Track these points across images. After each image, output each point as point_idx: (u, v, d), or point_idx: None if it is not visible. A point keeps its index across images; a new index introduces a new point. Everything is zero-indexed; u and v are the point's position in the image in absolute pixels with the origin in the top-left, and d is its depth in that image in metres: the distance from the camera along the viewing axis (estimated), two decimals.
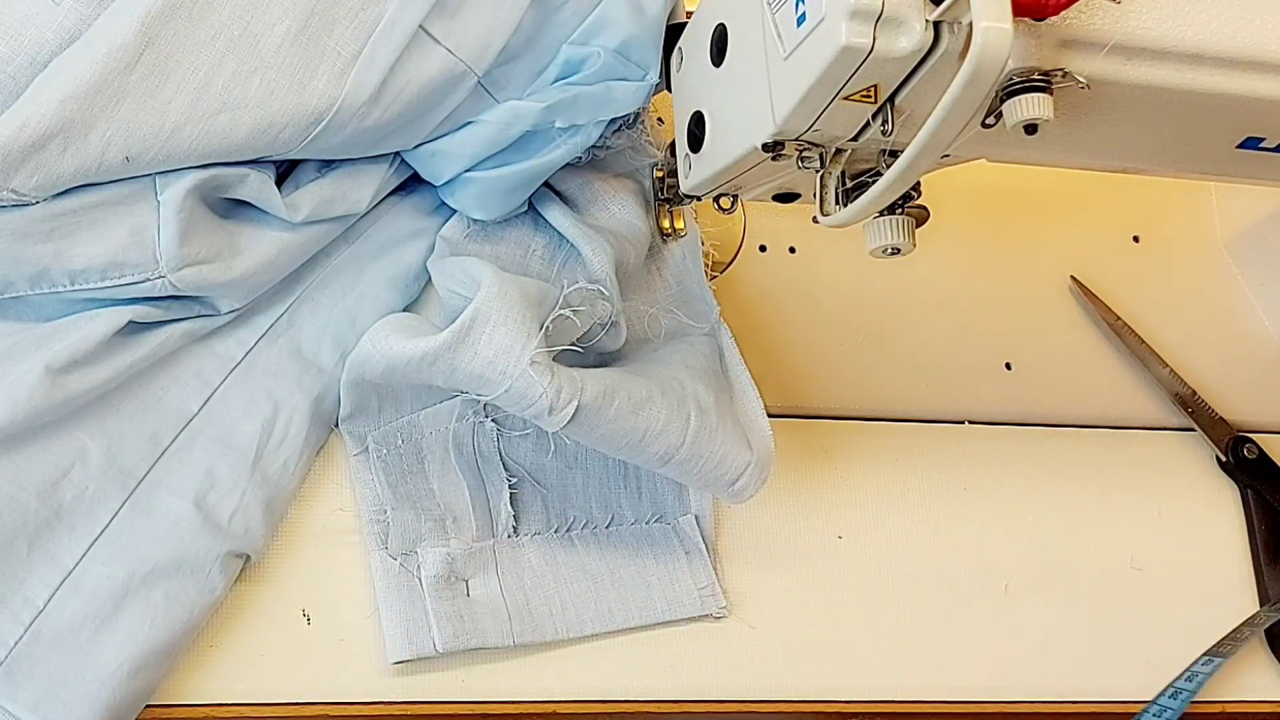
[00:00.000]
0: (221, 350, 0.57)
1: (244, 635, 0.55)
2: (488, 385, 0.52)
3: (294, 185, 0.57)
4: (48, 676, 0.49)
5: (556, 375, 0.52)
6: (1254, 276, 0.79)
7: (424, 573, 0.57)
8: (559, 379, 0.52)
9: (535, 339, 0.52)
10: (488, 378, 0.52)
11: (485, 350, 0.51)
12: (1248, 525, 0.71)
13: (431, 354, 0.52)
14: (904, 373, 0.70)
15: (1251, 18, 0.44)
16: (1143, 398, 0.74)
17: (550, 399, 0.51)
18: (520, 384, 0.51)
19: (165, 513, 0.53)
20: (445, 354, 0.51)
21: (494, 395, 0.52)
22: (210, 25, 0.51)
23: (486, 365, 0.51)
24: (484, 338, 0.52)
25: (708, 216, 0.66)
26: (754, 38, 0.47)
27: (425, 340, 0.52)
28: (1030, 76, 0.42)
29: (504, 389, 0.52)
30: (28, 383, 0.50)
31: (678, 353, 0.60)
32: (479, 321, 0.52)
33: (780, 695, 0.60)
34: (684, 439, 0.55)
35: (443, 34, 0.55)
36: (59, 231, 0.51)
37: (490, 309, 0.52)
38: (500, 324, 0.52)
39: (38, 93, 0.49)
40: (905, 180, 0.44)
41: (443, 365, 0.52)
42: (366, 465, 0.58)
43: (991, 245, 0.76)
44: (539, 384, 0.51)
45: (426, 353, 0.52)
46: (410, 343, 0.52)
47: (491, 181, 0.60)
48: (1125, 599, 0.68)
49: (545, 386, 0.51)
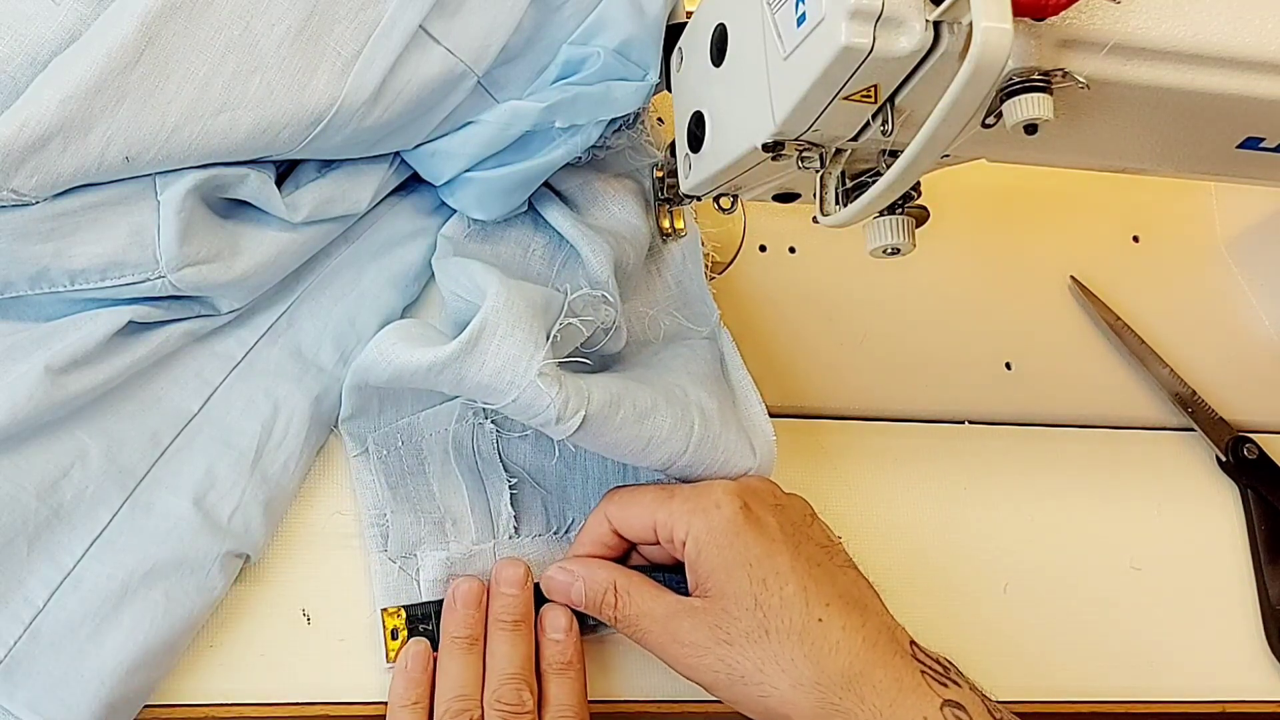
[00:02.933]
0: (221, 350, 0.57)
1: (244, 635, 0.55)
2: (495, 395, 0.52)
3: (294, 185, 0.57)
4: (47, 675, 0.49)
5: (564, 386, 0.52)
6: (1254, 276, 0.79)
7: (422, 576, 0.57)
8: (566, 389, 0.52)
9: (543, 349, 0.52)
10: (495, 388, 0.52)
11: (493, 361, 0.52)
12: (1248, 525, 0.71)
13: (439, 364, 0.52)
14: (904, 373, 0.70)
15: (1251, 18, 0.44)
16: (1143, 398, 0.74)
17: (558, 409, 0.51)
18: (528, 394, 0.51)
19: (165, 512, 0.53)
20: (453, 364, 0.52)
21: (501, 405, 0.52)
22: (210, 25, 0.51)
23: (494, 376, 0.52)
24: (491, 348, 0.52)
25: (708, 216, 0.66)
26: (754, 38, 0.47)
27: (433, 351, 0.52)
28: (1030, 76, 0.42)
29: (511, 399, 0.52)
30: (28, 383, 0.50)
31: (679, 358, 0.60)
32: (486, 332, 0.52)
33: None
34: (687, 446, 0.55)
35: (443, 34, 0.55)
36: (59, 231, 0.51)
37: (498, 319, 0.52)
38: (508, 334, 0.52)
39: (38, 93, 0.49)
40: (905, 180, 0.44)
41: (450, 375, 0.52)
42: (367, 466, 0.58)
43: (991, 245, 0.76)
44: (547, 394, 0.51)
45: (434, 363, 0.52)
46: (417, 352, 0.52)
47: (491, 181, 0.60)
48: (1125, 599, 0.68)
49: (553, 397, 0.51)
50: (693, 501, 0.54)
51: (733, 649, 0.51)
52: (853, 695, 0.50)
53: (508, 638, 0.55)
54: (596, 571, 0.56)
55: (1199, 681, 0.67)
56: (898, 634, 0.53)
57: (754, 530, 0.53)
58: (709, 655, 0.52)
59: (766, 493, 0.56)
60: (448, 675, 0.53)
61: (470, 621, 0.55)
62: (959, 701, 0.50)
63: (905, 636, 0.53)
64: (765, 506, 0.55)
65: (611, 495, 0.57)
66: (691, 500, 0.54)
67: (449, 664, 0.54)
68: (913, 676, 0.51)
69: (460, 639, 0.54)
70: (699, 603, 0.53)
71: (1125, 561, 0.69)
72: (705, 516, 0.54)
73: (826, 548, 0.55)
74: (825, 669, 0.50)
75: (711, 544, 0.53)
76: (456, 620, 0.55)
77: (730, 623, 0.52)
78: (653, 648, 0.54)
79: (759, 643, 0.51)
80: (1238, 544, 0.71)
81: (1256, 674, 0.67)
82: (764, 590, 0.52)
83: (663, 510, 0.55)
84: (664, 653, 0.54)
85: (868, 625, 0.52)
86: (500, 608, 0.56)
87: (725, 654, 0.51)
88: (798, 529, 0.55)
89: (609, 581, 0.55)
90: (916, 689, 0.50)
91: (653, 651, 0.54)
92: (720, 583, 0.52)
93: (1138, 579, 0.68)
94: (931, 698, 0.50)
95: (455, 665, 0.54)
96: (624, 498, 0.57)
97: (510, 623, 0.55)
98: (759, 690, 0.51)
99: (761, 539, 0.53)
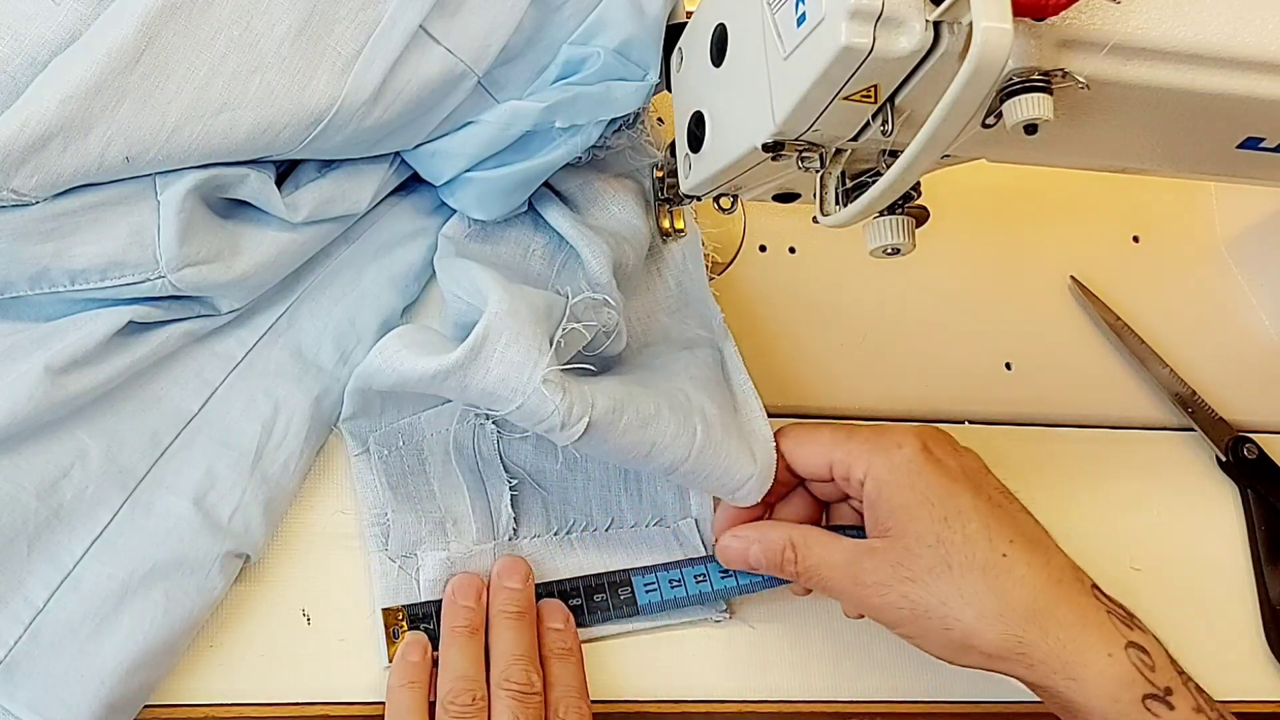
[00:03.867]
0: (221, 350, 0.57)
1: (244, 635, 0.55)
2: (499, 402, 0.52)
3: (294, 185, 0.57)
4: (47, 675, 0.49)
5: (568, 393, 0.52)
6: (1254, 276, 0.79)
7: (422, 576, 0.57)
8: (570, 396, 0.52)
9: (546, 355, 0.52)
10: (500, 395, 0.52)
11: (497, 368, 0.52)
12: (1248, 525, 0.71)
13: (443, 372, 0.52)
14: (904, 373, 0.70)
15: (1251, 18, 0.44)
16: (1143, 398, 0.74)
17: (562, 416, 0.52)
18: (532, 401, 0.52)
19: (165, 512, 0.53)
20: (456, 372, 0.52)
21: (505, 412, 0.53)
22: (210, 25, 0.51)
23: (498, 383, 0.52)
24: (495, 355, 0.52)
25: (708, 216, 0.66)
26: (754, 38, 0.47)
27: (436, 359, 0.52)
28: (1030, 76, 0.42)
29: (516, 406, 0.52)
30: (28, 383, 0.50)
31: (680, 361, 0.60)
32: (490, 339, 0.52)
33: (780, 695, 0.60)
34: (690, 452, 0.55)
35: (443, 34, 0.55)
36: (59, 231, 0.51)
37: (501, 326, 0.52)
38: (511, 342, 0.52)
39: (38, 93, 0.49)
40: (905, 180, 0.44)
41: (454, 383, 0.52)
42: (368, 466, 0.58)
43: (991, 245, 0.76)
44: (551, 401, 0.51)
45: (438, 371, 0.52)
46: (421, 360, 0.52)
47: (491, 181, 0.60)
48: (1125, 599, 0.67)
49: (557, 404, 0.51)
50: (872, 442, 0.55)
51: (916, 585, 0.52)
52: (1036, 628, 0.50)
53: (512, 624, 0.55)
54: (769, 532, 0.56)
55: (1199, 681, 0.66)
56: (1081, 575, 0.53)
57: (935, 469, 0.54)
58: (892, 593, 0.52)
59: (947, 439, 0.56)
60: (450, 662, 0.54)
61: (470, 613, 0.55)
62: (1142, 645, 0.51)
63: (1088, 579, 0.53)
64: (946, 450, 0.55)
65: (787, 431, 0.58)
66: (871, 440, 0.55)
67: (451, 652, 0.54)
68: (1097, 614, 0.51)
69: (461, 628, 0.55)
70: (879, 543, 0.53)
71: (1125, 561, 0.69)
72: (886, 455, 0.54)
73: (1005, 492, 0.55)
74: (1010, 602, 0.51)
75: (893, 482, 0.53)
76: (457, 612, 0.55)
77: (913, 560, 0.52)
78: (836, 592, 0.55)
79: (942, 577, 0.51)
80: (1238, 544, 0.71)
81: (1256, 674, 0.67)
82: (946, 528, 0.52)
83: (840, 449, 0.56)
84: (848, 595, 0.54)
85: (1051, 564, 0.52)
86: (504, 600, 0.56)
87: (909, 590, 0.52)
88: (979, 473, 0.55)
89: (784, 539, 0.56)
90: (1101, 626, 0.51)
91: (837, 596, 0.55)
92: (902, 521, 0.53)
93: (1138, 579, 0.68)
94: (1116, 637, 0.50)
95: (457, 652, 0.54)
96: (800, 434, 0.57)
97: (515, 613, 0.55)
98: (943, 624, 0.51)
99: (943, 478, 0.53)
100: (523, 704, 0.52)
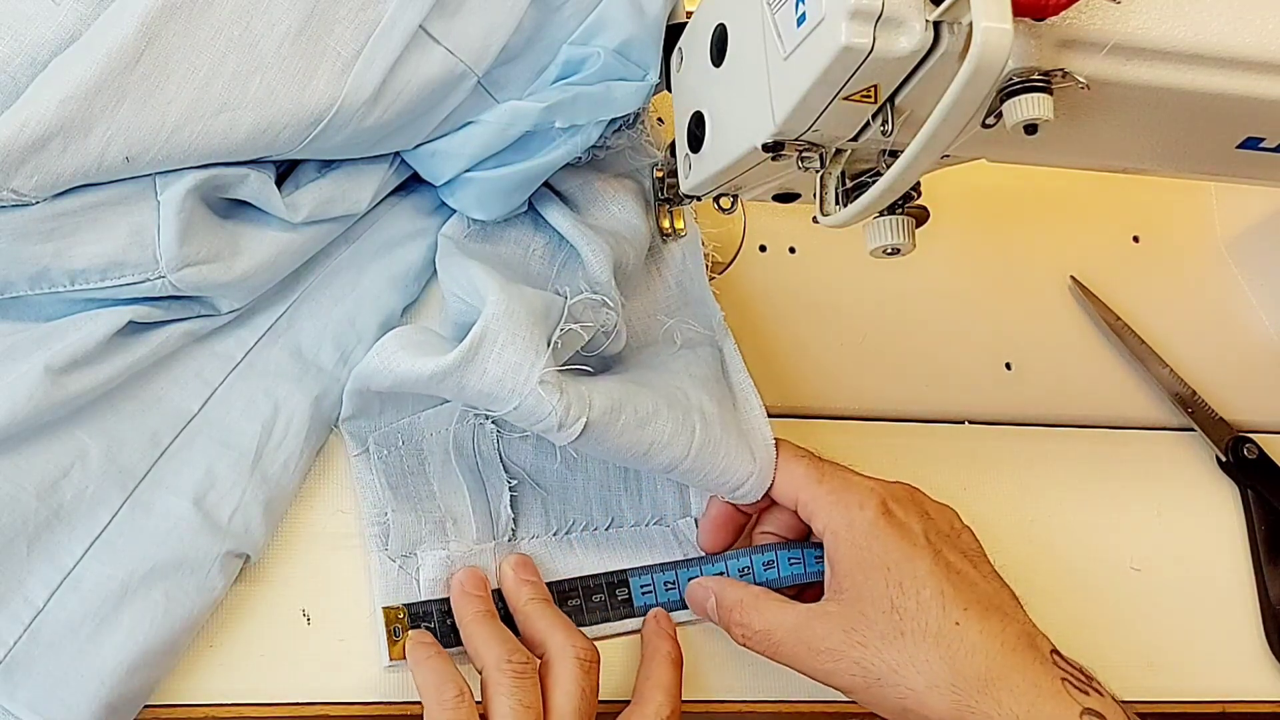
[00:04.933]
0: (221, 350, 0.57)
1: (244, 635, 0.54)
2: (497, 403, 0.52)
3: (294, 185, 0.57)
4: (47, 676, 0.49)
5: (565, 393, 0.52)
6: (1254, 276, 0.79)
7: (422, 575, 0.57)
8: (568, 396, 0.52)
9: (544, 356, 0.52)
10: (497, 396, 0.52)
11: (494, 369, 0.52)
12: (1248, 525, 0.71)
13: (441, 373, 0.52)
14: (904, 373, 0.70)
15: (1251, 18, 0.44)
16: (1143, 398, 0.74)
17: (559, 416, 0.52)
18: (530, 402, 0.52)
19: (165, 512, 0.53)
20: (454, 373, 0.52)
21: (503, 412, 0.53)
22: (210, 25, 0.51)
23: (495, 384, 0.52)
24: (493, 356, 0.52)
25: (708, 216, 0.66)
26: (754, 38, 0.47)
27: (434, 360, 0.52)
28: (1030, 76, 0.42)
29: (513, 406, 0.52)
30: (28, 383, 0.50)
31: (680, 360, 0.60)
32: (487, 340, 0.52)
33: (780, 695, 0.60)
34: (689, 451, 0.55)
35: (443, 34, 0.55)
36: (59, 231, 0.51)
37: (498, 327, 0.52)
38: (509, 342, 0.52)
39: (38, 93, 0.49)
40: (905, 180, 0.44)
41: (451, 383, 0.52)
42: (367, 466, 0.58)
43: (991, 245, 0.76)
44: (548, 402, 0.51)
45: (435, 372, 0.52)
46: (419, 361, 0.52)
47: (491, 182, 0.60)
48: (1125, 599, 0.68)
49: (554, 404, 0.51)
50: (837, 494, 0.55)
51: (867, 651, 0.51)
52: (989, 699, 0.50)
53: (546, 606, 0.55)
54: (728, 589, 0.56)
55: (1199, 681, 0.67)
56: (1038, 640, 0.52)
57: (895, 533, 0.53)
58: (844, 659, 0.52)
59: (912, 500, 0.56)
60: (485, 639, 0.52)
61: (484, 602, 0.55)
62: (1099, 710, 0.50)
63: (1046, 644, 0.53)
64: (910, 512, 0.55)
65: None
66: (837, 493, 0.55)
67: (481, 633, 0.53)
68: (1051, 683, 0.50)
69: (480, 613, 0.54)
70: (832, 607, 0.53)
71: (1125, 561, 0.69)
72: (846, 513, 0.54)
73: (971, 557, 0.55)
74: (961, 671, 0.50)
75: (851, 542, 0.53)
76: (470, 602, 0.55)
77: (865, 625, 0.52)
78: (787, 659, 0.54)
79: (894, 644, 0.51)
80: (1238, 544, 0.71)
81: (1256, 674, 0.67)
82: (900, 593, 0.52)
83: (806, 492, 0.56)
84: (799, 663, 0.54)
85: (1006, 630, 0.52)
86: (530, 590, 0.56)
87: (860, 656, 0.52)
88: (943, 537, 0.55)
89: (737, 598, 0.56)
90: (1055, 695, 0.50)
91: (788, 663, 0.54)
92: (857, 583, 0.53)
93: (1138, 579, 0.68)
94: (1070, 705, 0.50)
95: (488, 632, 0.53)
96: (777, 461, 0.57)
97: (544, 599, 0.56)
98: (896, 692, 0.51)
99: (902, 542, 0.53)
100: (586, 672, 0.52)
